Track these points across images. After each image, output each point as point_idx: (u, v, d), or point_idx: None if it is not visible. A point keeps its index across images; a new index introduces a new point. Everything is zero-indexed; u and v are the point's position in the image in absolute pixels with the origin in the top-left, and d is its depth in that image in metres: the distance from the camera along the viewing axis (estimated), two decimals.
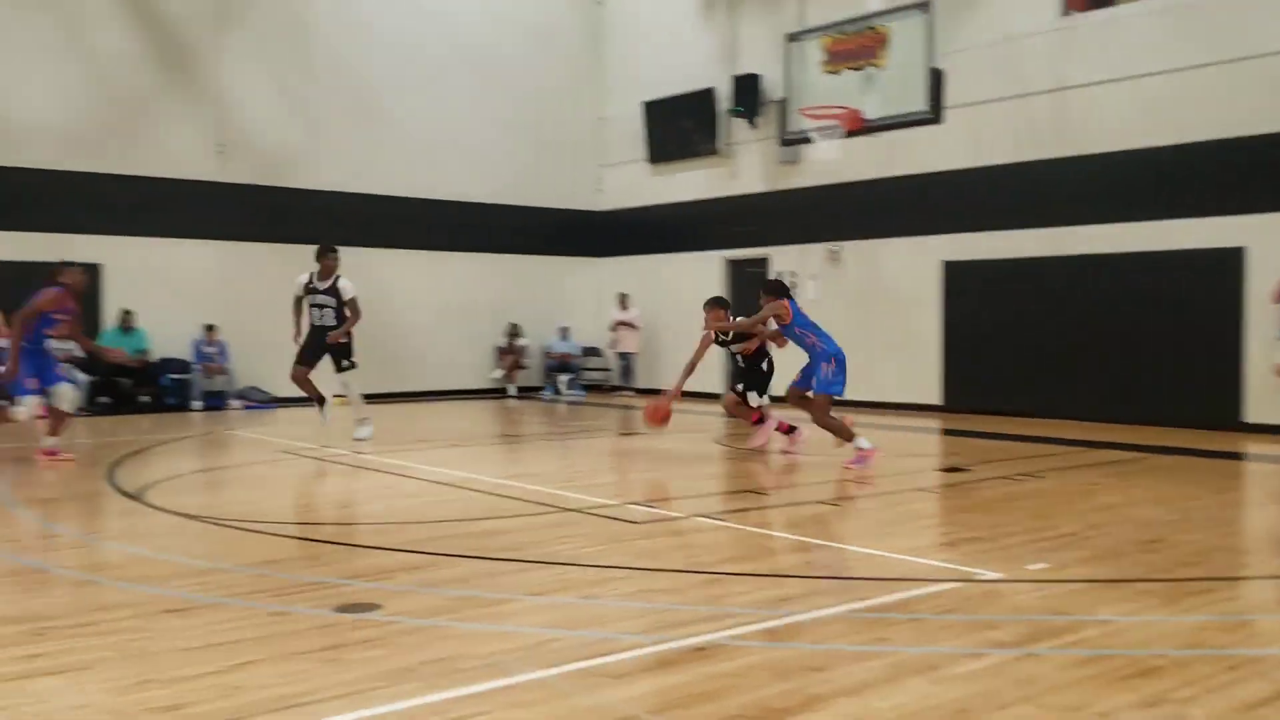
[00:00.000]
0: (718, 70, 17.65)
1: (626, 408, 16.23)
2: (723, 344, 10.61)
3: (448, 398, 17.86)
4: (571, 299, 19.74)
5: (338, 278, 11.16)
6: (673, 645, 4.13)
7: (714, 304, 10.40)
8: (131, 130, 15.50)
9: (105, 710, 3.46)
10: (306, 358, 11.32)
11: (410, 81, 17.84)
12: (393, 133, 17.66)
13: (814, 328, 9.28)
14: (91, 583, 5.21)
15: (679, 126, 18.20)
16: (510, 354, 18.65)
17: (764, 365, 10.33)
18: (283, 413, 15.11)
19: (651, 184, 19.15)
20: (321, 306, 11.18)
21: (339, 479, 9.07)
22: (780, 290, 9.45)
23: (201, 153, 15.97)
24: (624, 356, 18.97)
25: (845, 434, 9.12)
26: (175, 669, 3.83)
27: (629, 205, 19.58)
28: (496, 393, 18.56)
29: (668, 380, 19.08)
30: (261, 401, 15.94)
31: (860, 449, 8.97)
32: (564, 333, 19.01)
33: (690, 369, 9.99)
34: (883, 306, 15.74)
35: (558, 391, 18.59)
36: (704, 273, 17.94)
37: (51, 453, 9.45)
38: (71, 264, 9.75)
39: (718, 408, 16.20)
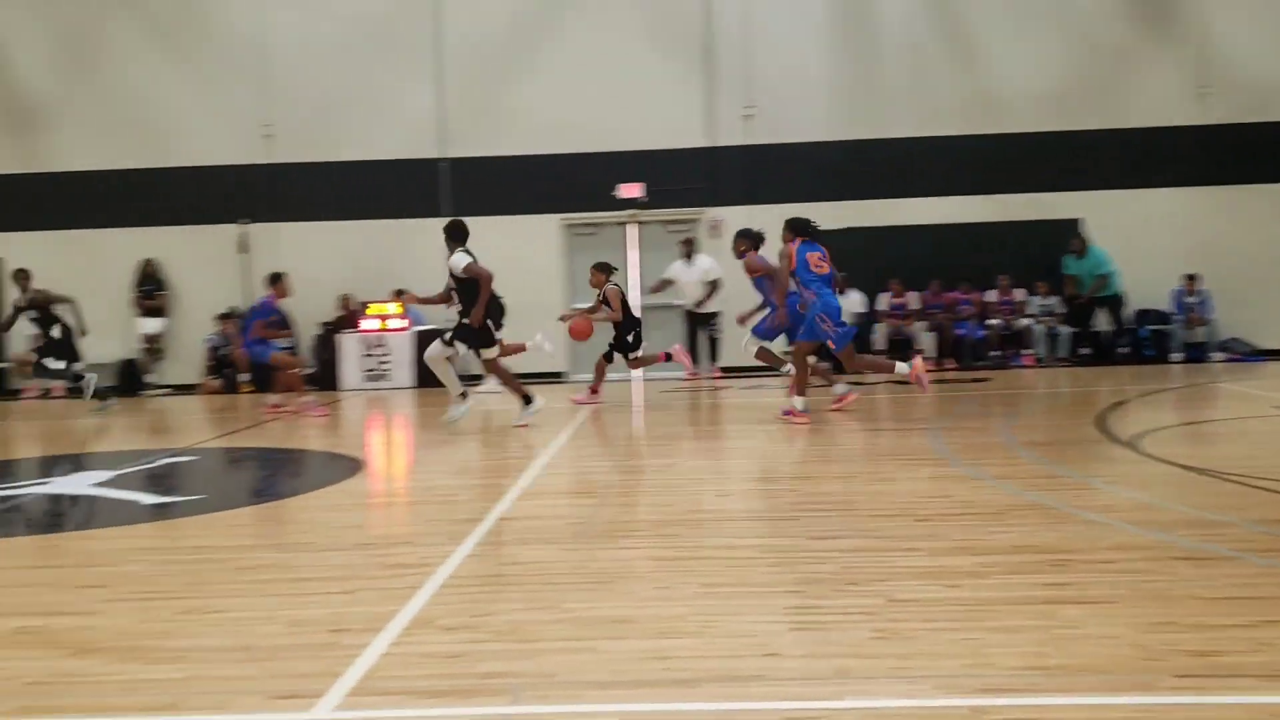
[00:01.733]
0: None
1: None
2: None
3: None
4: None
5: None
6: None
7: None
8: (1108, 84, 15.62)
9: (1132, 644, 3.61)
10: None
11: None
12: None
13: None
14: (1099, 523, 5.43)
15: None
16: None
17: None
18: (1271, 366, 14.06)
19: None
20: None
21: None
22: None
23: (1181, 96, 15.47)
24: None
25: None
26: (1197, 616, 3.83)
27: None
28: None
29: None
30: (1245, 354, 14.99)
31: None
32: None
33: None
34: None
35: None
36: None
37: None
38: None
39: None
